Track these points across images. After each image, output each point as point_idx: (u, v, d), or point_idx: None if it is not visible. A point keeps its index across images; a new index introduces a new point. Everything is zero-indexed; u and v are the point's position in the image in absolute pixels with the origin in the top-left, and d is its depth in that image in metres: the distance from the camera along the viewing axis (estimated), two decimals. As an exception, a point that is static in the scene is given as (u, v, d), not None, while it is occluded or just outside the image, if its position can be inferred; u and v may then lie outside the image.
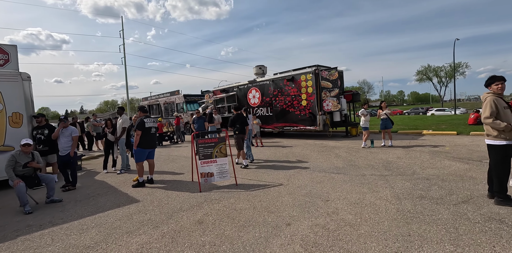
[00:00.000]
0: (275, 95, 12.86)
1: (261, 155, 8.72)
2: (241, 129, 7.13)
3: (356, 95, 12.31)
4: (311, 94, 11.47)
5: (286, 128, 12.64)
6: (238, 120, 7.16)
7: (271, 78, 13.00)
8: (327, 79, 11.15)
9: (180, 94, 19.72)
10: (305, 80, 11.65)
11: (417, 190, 4.36)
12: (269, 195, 4.62)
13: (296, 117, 12.11)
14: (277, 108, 12.86)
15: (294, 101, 12.11)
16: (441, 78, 62.86)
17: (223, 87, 15.63)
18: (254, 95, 13.86)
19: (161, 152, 10.96)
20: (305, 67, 11.82)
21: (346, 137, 11.89)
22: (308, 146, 9.89)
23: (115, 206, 4.62)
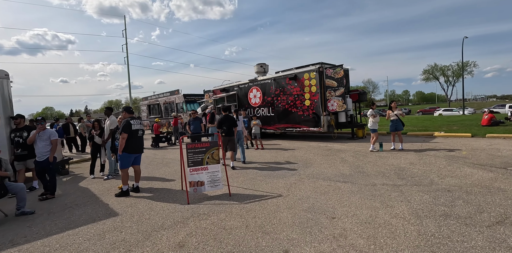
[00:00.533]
0: (277, 95, 12.24)
1: (261, 158, 8.10)
2: (228, 131, 6.97)
3: (363, 95, 11.63)
4: (315, 94, 10.82)
5: (288, 129, 12.00)
6: (226, 121, 6.99)
7: (273, 76, 12.38)
8: (332, 77, 10.50)
9: (180, 94, 19.19)
10: (308, 78, 11.01)
11: (439, 206, 3.71)
12: (266, 209, 4.01)
13: (299, 117, 11.48)
14: (279, 108, 12.23)
15: (297, 101, 11.47)
16: (448, 77, 61.60)
17: (223, 86, 15.04)
18: (255, 94, 13.25)
19: (156, 154, 10.41)
20: (309, 65, 11.17)
21: (352, 139, 11.23)
22: (311, 149, 9.26)
23: (90, 220, 4.05)
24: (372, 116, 8.24)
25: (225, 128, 6.94)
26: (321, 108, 10.67)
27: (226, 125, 6.96)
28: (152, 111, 22.87)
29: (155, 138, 12.86)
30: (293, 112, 11.69)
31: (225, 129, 6.94)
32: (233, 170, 6.76)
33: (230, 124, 7.02)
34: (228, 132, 6.98)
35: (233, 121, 7.12)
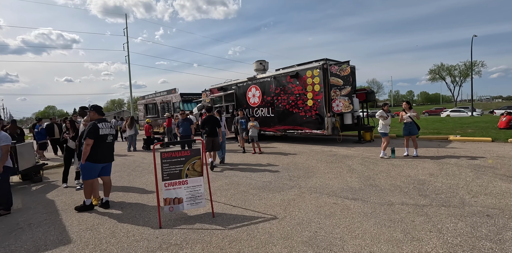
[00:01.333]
0: (277, 94, 11.34)
1: (257, 165, 7.22)
2: (211, 132, 7.03)
3: (371, 94, 10.70)
4: (318, 93, 9.92)
5: (289, 131, 11.10)
6: (209, 122, 7.05)
7: (273, 74, 11.48)
8: (337, 75, 9.58)
9: (177, 93, 18.35)
10: (311, 76, 10.10)
11: (482, 240, 2.80)
12: (255, 239, 3.13)
13: (301, 119, 10.57)
14: (279, 108, 11.33)
15: (299, 100, 10.57)
16: (454, 77, 60.26)
17: (220, 85, 14.18)
18: (254, 93, 12.37)
19: (145, 158, 9.57)
20: (312, 61, 10.26)
21: (359, 142, 10.30)
22: (314, 154, 8.36)
23: (32, 251, 3.19)
24: (382, 118, 7.32)
25: (207, 129, 6.97)
26: (325, 108, 9.76)
27: (209, 126, 6.99)
28: (149, 111, 22.08)
29: (146, 140, 12.04)
30: (294, 112, 10.79)
31: (207, 130, 6.97)
32: (222, 181, 5.89)
33: (214, 124, 7.05)
34: (211, 132, 7.02)
35: (217, 122, 7.13)
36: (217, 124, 7.10)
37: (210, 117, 7.10)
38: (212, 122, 7.03)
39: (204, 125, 7.00)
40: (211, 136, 7.01)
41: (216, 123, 7.09)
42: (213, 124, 7.03)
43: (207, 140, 6.98)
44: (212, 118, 7.09)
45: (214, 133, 7.04)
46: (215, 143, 7.05)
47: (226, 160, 8.19)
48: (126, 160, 9.47)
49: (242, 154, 9.17)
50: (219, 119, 7.40)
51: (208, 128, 6.96)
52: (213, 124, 7.04)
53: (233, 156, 8.95)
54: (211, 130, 6.99)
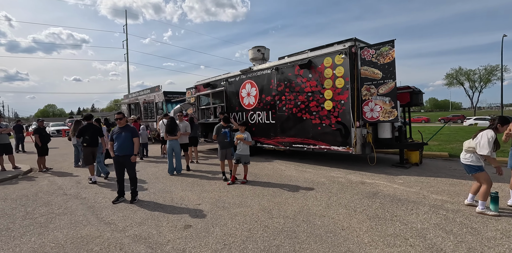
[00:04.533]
0: (280, 92, 8.01)
1: (237, 211, 3.87)
2: (91, 141, 6.34)
3: (417, 95, 7.26)
4: (342, 91, 6.57)
5: (296, 145, 7.73)
6: (89, 130, 6.36)
7: (275, 64, 8.15)
8: (374, 63, 6.22)
9: (160, 91, 15.15)
10: (331, 65, 6.76)
11: None
12: None
13: (314, 129, 7.21)
14: (283, 112, 7.99)
15: (312, 101, 7.22)
16: (474, 82, 56.08)
17: (207, 81, 10.89)
18: (248, 91, 9.05)
19: (79, 182, 6.27)
20: (333, 43, 6.91)
21: (401, 167, 6.85)
22: (339, 192, 4.98)
23: None
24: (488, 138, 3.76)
25: (87, 138, 6.33)
26: (353, 114, 6.39)
27: (88, 134, 6.35)
28: (132, 112, 18.93)
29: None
30: (304, 119, 7.43)
31: (87, 139, 6.33)
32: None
33: (94, 133, 6.41)
34: (91, 142, 6.36)
35: (98, 131, 6.51)
36: (97, 133, 6.48)
37: (90, 125, 6.44)
38: (93, 130, 6.41)
39: (85, 133, 6.33)
40: (92, 146, 6.39)
41: (96, 132, 6.46)
42: (93, 133, 6.40)
43: (86, 150, 6.36)
44: (92, 126, 6.45)
45: (95, 143, 6.42)
46: (94, 154, 6.46)
47: (167, 187, 4.87)
48: (37, 187, 6.20)
49: (218, 184, 5.82)
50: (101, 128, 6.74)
51: (88, 137, 6.31)
52: (93, 132, 6.41)
53: (198, 186, 5.62)
54: (91, 140, 6.35)
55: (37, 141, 7.75)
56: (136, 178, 4.87)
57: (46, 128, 8.55)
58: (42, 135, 7.93)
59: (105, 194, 5.32)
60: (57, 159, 10.08)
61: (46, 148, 7.97)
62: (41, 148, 7.85)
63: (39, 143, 7.76)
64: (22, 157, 10.88)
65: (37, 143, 7.77)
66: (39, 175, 7.39)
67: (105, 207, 4.56)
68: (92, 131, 6.35)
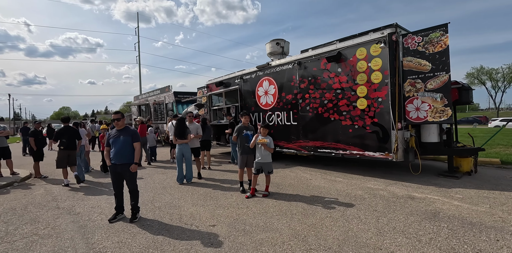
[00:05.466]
0: (303, 90, 7.07)
1: (263, 235, 2.95)
2: (68, 144, 6.22)
3: (467, 92, 6.16)
4: (380, 86, 5.57)
5: (322, 150, 6.75)
6: (66, 133, 6.28)
7: (297, 58, 7.22)
8: (421, 53, 5.21)
9: (170, 91, 14.46)
10: (365, 57, 5.78)
11: None
12: None
13: (344, 131, 6.23)
14: (306, 113, 7.04)
15: (341, 100, 6.25)
16: (497, 81, 53.35)
17: (220, 79, 10.06)
18: (266, 89, 8.14)
19: (75, 194, 5.51)
20: (368, 31, 5.92)
21: (451, 176, 5.76)
22: (386, 211, 3.99)
23: None
24: None
25: (64, 141, 6.17)
26: (393, 114, 5.38)
27: (65, 138, 6.18)
28: (142, 113, 18.37)
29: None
30: (332, 120, 6.46)
31: (65, 142, 6.18)
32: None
33: (71, 136, 6.28)
34: (68, 145, 6.20)
35: (75, 133, 6.40)
36: (75, 136, 6.41)
37: (67, 128, 6.37)
38: (70, 133, 6.32)
39: (61, 137, 6.24)
40: (68, 149, 6.26)
41: (74, 135, 6.39)
42: (71, 136, 6.31)
43: (63, 153, 6.23)
44: (69, 129, 6.38)
45: (72, 146, 6.32)
46: (71, 158, 6.30)
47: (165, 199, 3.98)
48: (30, 197, 5.46)
49: (235, 197, 4.92)
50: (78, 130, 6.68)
51: (65, 140, 6.20)
52: (71, 135, 6.33)
53: (211, 199, 4.73)
54: (69, 142, 6.24)
55: (32, 145, 7.03)
56: (137, 191, 4.03)
57: (43, 130, 7.83)
58: (38, 139, 7.20)
59: (102, 209, 4.50)
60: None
61: (41, 153, 7.24)
62: (36, 153, 7.11)
63: (34, 147, 7.04)
64: (27, 161, 10.32)
65: (32, 147, 7.05)
66: (37, 182, 6.70)
67: (99, 227, 3.73)
68: (69, 134, 6.25)
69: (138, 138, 4.01)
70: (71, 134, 6.27)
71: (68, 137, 6.20)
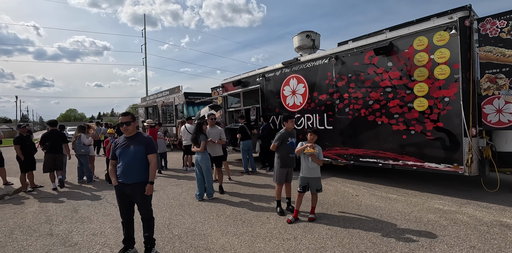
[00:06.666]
0: (341, 88, 6.05)
1: None
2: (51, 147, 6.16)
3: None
4: (447, 83, 4.53)
5: (366, 160, 5.71)
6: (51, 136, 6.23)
7: (333, 52, 6.21)
8: (505, 41, 4.16)
9: (180, 92, 13.55)
10: (426, 48, 4.75)
11: None
12: None
13: (396, 137, 5.18)
14: (344, 115, 6.02)
15: (392, 99, 5.21)
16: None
17: (238, 78, 9.09)
18: (293, 89, 7.14)
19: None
20: (429, 16, 4.89)
21: (532, 193, 4.68)
22: (484, 246, 2.93)
23: None
24: None
25: (47, 144, 6.14)
26: (466, 117, 4.32)
27: (49, 141, 6.14)
28: (150, 116, 17.50)
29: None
30: (379, 124, 5.42)
31: (48, 145, 6.14)
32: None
33: (56, 140, 6.20)
34: (52, 148, 6.16)
35: (61, 137, 6.30)
36: (62, 140, 6.29)
37: (53, 132, 6.27)
38: (55, 136, 6.22)
39: (46, 140, 6.17)
40: (52, 153, 6.15)
41: (61, 138, 6.29)
42: (55, 139, 6.20)
43: (48, 156, 6.14)
44: (55, 132, 6.28)
45: (57, 149, 6.21)
46: (58, 161, 6.23)
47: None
48: (20, 216, 4.50)
49: (273, 220, 3.89)
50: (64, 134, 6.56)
51: (48, 143, 6.13)
52: (56, 139, 6.22)
53: (243, 224, 3.71)
54: (52, 146, 6.15)
55: (18, 154, 5.96)
56: (153, 219, 3.04)
57: (31, 136, 6.84)
58: (25, 146, 6.06)
59: (107, 237, 3.52)
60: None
61: (31, 162, 6.13)
62: (24, 162, 5.99)
63: (22, 156, 5.95)
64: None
65: (19, 156, 5.97)
66: (31, 195, 5.75)
67: (103, 270, 2.74)
68: (54, 138, 6.18)
69: (153, 148, 3.01)
70: (56, 138, 6.17)
71: (53, 140, 6.11)
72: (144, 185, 2.88)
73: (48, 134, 6.21)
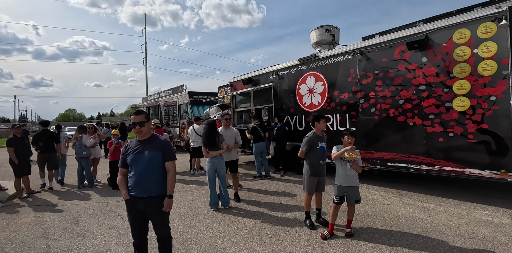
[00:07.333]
0: (366, 87, 5.56)
1: None
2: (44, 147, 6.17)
3: None
4: (493, 80, 4.05)
5: (395, 165, 5.21)
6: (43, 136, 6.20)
7: (357, 47, 5.71)
8: None
9: (184, 92, 13.03)
10: (467, 42, 4.27)
11: None
12: None
13: (432, 140, 4.69)
14: (369, 115, 5.52)
15: (427, 98, 4.73)
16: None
17: (248, 76, 8.59)
18: (311, 87, 6.65)
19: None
20: (472, 6, 4.41)
21: None
22: None
23: None
24: None
25: (40, 145, 6.06)
26: (519, 118, 3.84)
27: (42, 141, 6.07)
28: (152, 116, 16.97)
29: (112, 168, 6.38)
30: (411, 126, 4.93)
31: (41, 145, 6.06)
32: None
33: (49, 140, 6.16)
34: (44, 148, 6.10)
35: (53, 137, 6.28)
36: (54, 140, 6.27)
37: (45, 132, 6.23)
38: (47, 137, 6.15)
39: (38, 141, 6.08)
40: (46, 152, 6.13)
41: (53, 138, 6.26)
42: (47, 139, 6.15)
43: (41, 156, 6.15)
44: (47, 132, 6.25)
45: (50, 149, 6.19)
46: (52, 161, 6.24)
47: None
48: (13, 228, 4.00)
49: (305, 235, 3.40)
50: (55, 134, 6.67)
51: (42, 144, 6.05)
52: (48, 139, 6.17)
53: (271, 240, 3.21)
54: (45, 146, 6.10)
55: (11, 157, 5.45)
56: (171, 240, 2.55)
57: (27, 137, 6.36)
58: (20, 148, 5.55)
59: (114, 257, 3.01)
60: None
61: (26, 166, 5.67)
62: (19, 166, 5.49)
63: (15, 160, 5.44)
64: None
65: (13, 160, 5.46)
66: (26, 202, 5.23)
67: (111, 303, 2.23)
68: (46, 138, 6.15)
69: (172, 154, 2.50)
70: (48, 138, 6.15)
71: (45, 140, 6.10)
72: (162, 200, 2.37)
73: (40, 134, 6.15)
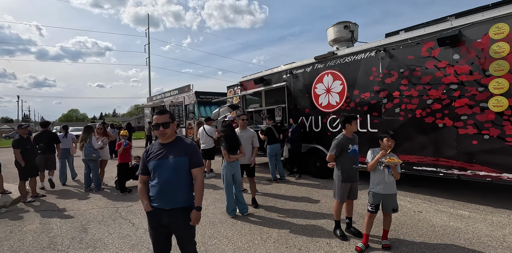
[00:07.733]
0: (389, 86, 5.25)
1: None
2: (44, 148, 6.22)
3: None
4: (538, 78, 3.73)
5: (422, 168, 4.90)
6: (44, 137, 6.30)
7: (380, 44, 5.41)
8: None
9: (191, 91, 12.75)
10: (505, 37, 3.97)
11: None
12: None
13: (464, 142, 4.38)
14: (393, 116, 5.22)
15: (459, 98, 4.42)
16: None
17: (260, 75, 8.30)
18: (328, 86, 6.35)
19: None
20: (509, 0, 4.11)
21: None
22: None
23: None
24: None
25: (42, 145, 6.09)
26: None
27: (43, 142, 6.11)
28: (156, 116, 16.70)
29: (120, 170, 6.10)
30: (440, 127, 4.62)
31: (42, 146, 6.10)
32: None
33: (49, 140, 6.23)
34: (45, 149, 6.16)
35: (53, 137, 6.34)
36: (54, 140, 6.33)
37: (45, 132, 6.27)
38: (48, 137, 6.24)
39: (39, 141, 6.09)
40: (46, 153, 6.16)
41: (54, 139, 6.32)
42: (49, 140, 6.23)
43: (40, 157, 5.99)
44: (47, 133, 6.32)
45: (50, 150, 6.26)
46: (50, 162, 6.30)
47: None
48: (17, 237, 3.72)
49: (338, 248, 3.09)
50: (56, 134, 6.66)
51: (43, 144, 6.09)
52: (50, 140, 6.26)
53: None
54: (47, 146, 6.18)
55: (18, 159, 5.17)
56: (197, 255, 2.25)
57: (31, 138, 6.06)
58: (26, 150, 5.26)
59: (129, 272, 2.71)
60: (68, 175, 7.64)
61: (33, 168, 5.40)
62: (25, 168, 5.21)
63: (22, 162, 5.17)
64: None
65: (19, 162, 5.18)
66: (31, 208, 4.96)
67: None
68: (46, 138, 6.19)
69: (200, 160, 2.21)
70: (48, 138, 6.20)
71: (46, 141, 6.14)
72: (188, 212, 2.08)
73: (41, 135, 6.17)
